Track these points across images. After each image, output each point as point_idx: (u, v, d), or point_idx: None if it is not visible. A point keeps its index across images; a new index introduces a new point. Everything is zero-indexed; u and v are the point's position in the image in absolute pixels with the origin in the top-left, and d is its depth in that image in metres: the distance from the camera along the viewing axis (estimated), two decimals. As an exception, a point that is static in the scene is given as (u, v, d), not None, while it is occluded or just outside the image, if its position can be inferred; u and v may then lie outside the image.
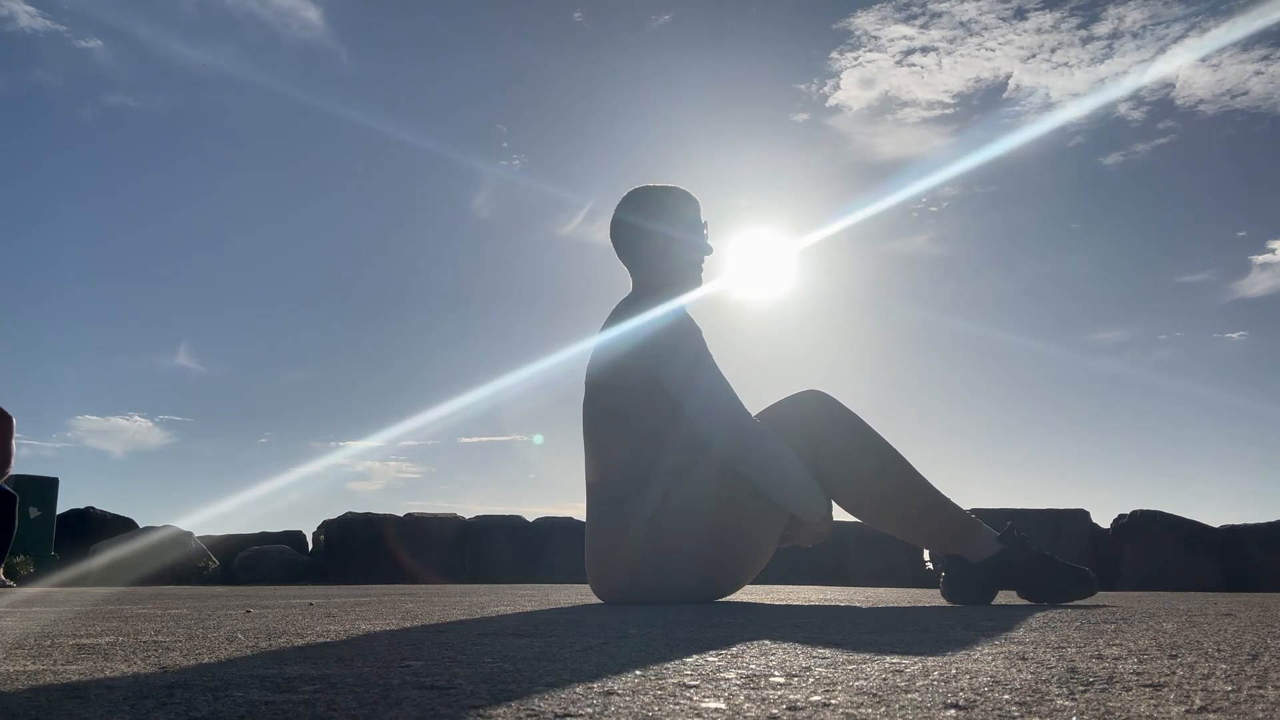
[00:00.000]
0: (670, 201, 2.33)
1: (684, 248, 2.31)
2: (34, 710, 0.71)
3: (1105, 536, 7.56)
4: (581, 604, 2.30)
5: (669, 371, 2.11)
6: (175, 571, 7.65)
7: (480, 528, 8.22)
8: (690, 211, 2.34)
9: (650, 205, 2.32)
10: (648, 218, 2.31)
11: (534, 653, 1.07)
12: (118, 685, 0.84)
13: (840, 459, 2.13)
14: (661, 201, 2.33)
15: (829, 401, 2.18)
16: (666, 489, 2.10)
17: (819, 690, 0.77)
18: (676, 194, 2.36)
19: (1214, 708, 0.68)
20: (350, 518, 8.17)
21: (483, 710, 0.69)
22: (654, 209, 2.32)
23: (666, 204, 2.33)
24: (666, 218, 2.31)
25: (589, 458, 2.24)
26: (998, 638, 1.23)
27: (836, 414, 2.16)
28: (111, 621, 1.77)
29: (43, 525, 7.53)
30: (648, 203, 2.33)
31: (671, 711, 0.68)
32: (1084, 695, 0.73)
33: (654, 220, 2.31)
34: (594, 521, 2.20)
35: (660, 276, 2.30)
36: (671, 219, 2.32)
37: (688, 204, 2.35)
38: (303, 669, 0.94)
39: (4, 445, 4.84)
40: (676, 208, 2.33)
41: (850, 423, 2.15)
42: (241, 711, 0.69)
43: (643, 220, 2.31)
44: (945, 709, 0.68)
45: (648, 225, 2.31)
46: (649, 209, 2.32)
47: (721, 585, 2.23)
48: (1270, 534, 7.18)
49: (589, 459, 2.24)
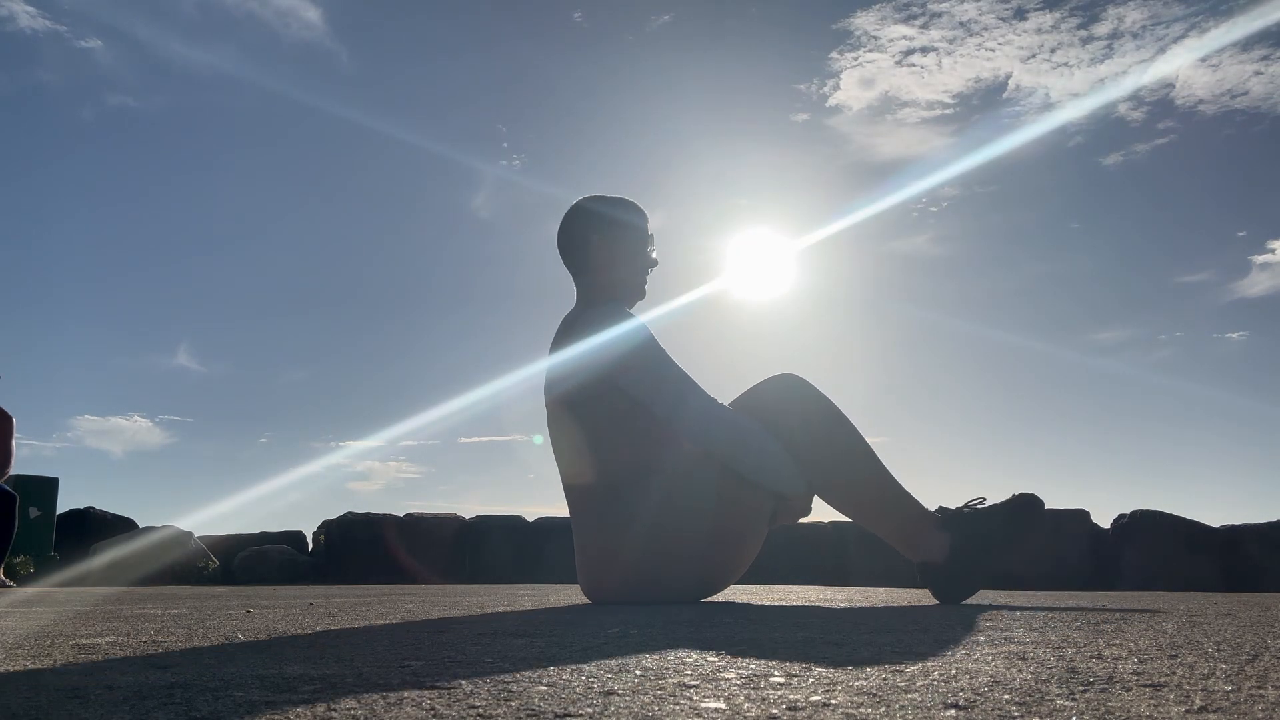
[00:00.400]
0: (619, 212, 2.34)
1: (631, 259, 2.31)
2: (34, 710, 0.71)
3: (1105, 536, 7.56)
4: (581, 604, 2.30)
5: (632, 379, 2.11)
6: (175, 571, 7.65)
7: (480, 528, 8.22)
8: (638, 223, 2.35)
9: (598, 216, 2.32)
10: (596, 228, 2.31)
11: (534, 653, 1.07)
12: (118, 685, 0.84)
13: (814, 443, 2.14)
14: (610, 212, 2.33)
15: (804, 385, 2.19)
16: (668, 489, 2.10)
17: (819, 690, 0.77)
18: (625, 205, 2.36)
19: (1214, 708, 0.68)
20: (350, 518, 8.16)
21: (483, 710, 0.69)
22: (602, 220, 2.32)
23: (615, 215, 2.33)
24: (615, 229, 2.31)
25: (574, 464, 2.22)
26: (998, 638, 1.23)
27: (812, 397, 2.17)
28: (111, 621, 1.77)
29: (43, 525, 7.53)
30: (596, 213, 2.33)
31: (671, 711, 0.68)
32: (1084, 695, 0.73)
33: (602, 231, 2.31)
34: (589, 522, 2.19)
35: (606, 287, 2.30)
36: (620, 230, 2.31)
37: (636, 215, 2.35)
38: (303, 669, 0.94)
39: (4, 445, 4.84)
40: (625, 219, 2.33)
41: (825, 407, 2.17)
42: (241, 711, 0.69)
43: (590, 230, 2.31)
44: (945, 709, 0.68)
45: (595, 236, 2.30)
46: (597, 220, 2.32)
47: (719, 583, 2.24)
48: (1270, 534, 7.18)
49: (574, 465, 2.22)
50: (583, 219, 2.33)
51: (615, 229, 2.31)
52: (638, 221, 2.35)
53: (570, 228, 2.34)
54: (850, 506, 2.18)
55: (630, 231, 2.32)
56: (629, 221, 2.33)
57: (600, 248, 2.30)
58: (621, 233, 2.31)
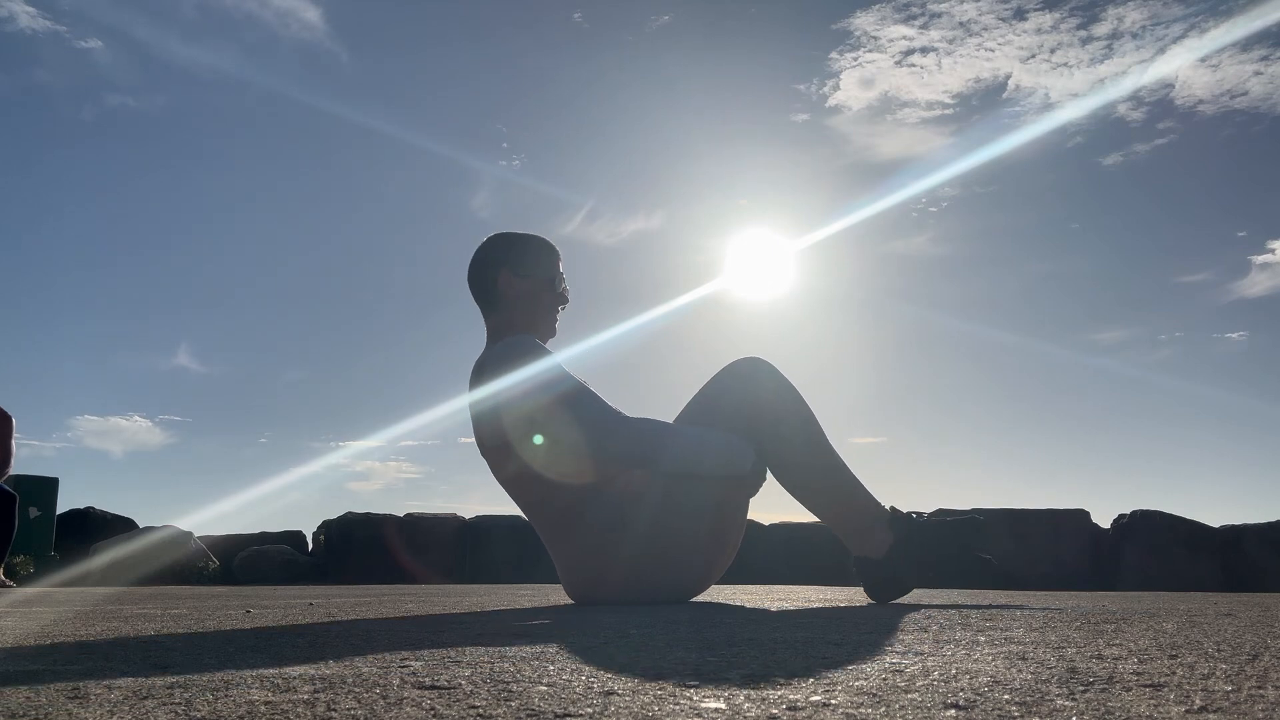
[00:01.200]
0: (530, 250, 2.34)
1: (538, 296, 2.31)
2: (34, 710, 0.71)
3: (1105, 536, 7.56)
4: (582, 605, 2.30)
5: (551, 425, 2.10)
6: (175, 571, 7.65)
7: (480, 528, 8.22)
8: (549, 261, 2.35)
9: (506, 253, 2.32)
10: (503, 265, 2.31)
11: (534, 653, 1.07)
12: (118, 685, 0.84)
13: (775, 428, 2.15)
14: (523, 250, 2.33)
15: (769, 369, 2.20)
16: (665, 490, 2.10)
17: (819, 690, 0.77)
18: (537, 242, 2.37)
19: (1214, 708, 0.68)
20: (350, 518, 8.16)
21: (483, 710, 0.69)
22: (514, 257, 2.32)
23: (526, 253, 2.33)
24: (522, 267, 2.31)
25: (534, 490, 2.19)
26: (998, 638, 1.23)
27: (776, 382, 2.19)
28: (111, 621, 1.77)
29: (43, 525, 7.53)
30: (509, 250, 2.33)
31: (671, 711, 0.68)
32: (1084, 695, 0.73)
33: (509, 268, 2.30)
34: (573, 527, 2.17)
35: (515, 325, 2.29)
36: (530, 268, 2.31)
37: (548, 253, 2.36)
38: (303, 669, 0.94)
39: (4, 445, 4.84)
40: (536, 256, 2.33)
41: (789, 393, 2.18)
42: (241, 711, 0.69)
43: (498, 267, 2.31)
44: (945, 709, 0.68)
45: (502, 273, 2.30)
46: (510, 257, 2.32)
47: (711, 579, 2.26)
48: (1270, 534, 7.18)
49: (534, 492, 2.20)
50: (490, 256, 2.33)
51: (522, 267, 2.31)
52: (546, 259, 2.35)
53: (478, 265, 2.34)
54: (801, 489, 2.19)
55: (538, 269, 2.32)
56: (536, 259, 2.33)
57: (508, 285, 2.30)
58: (530, 270, 2.31)
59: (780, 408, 2.16)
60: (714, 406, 2.20)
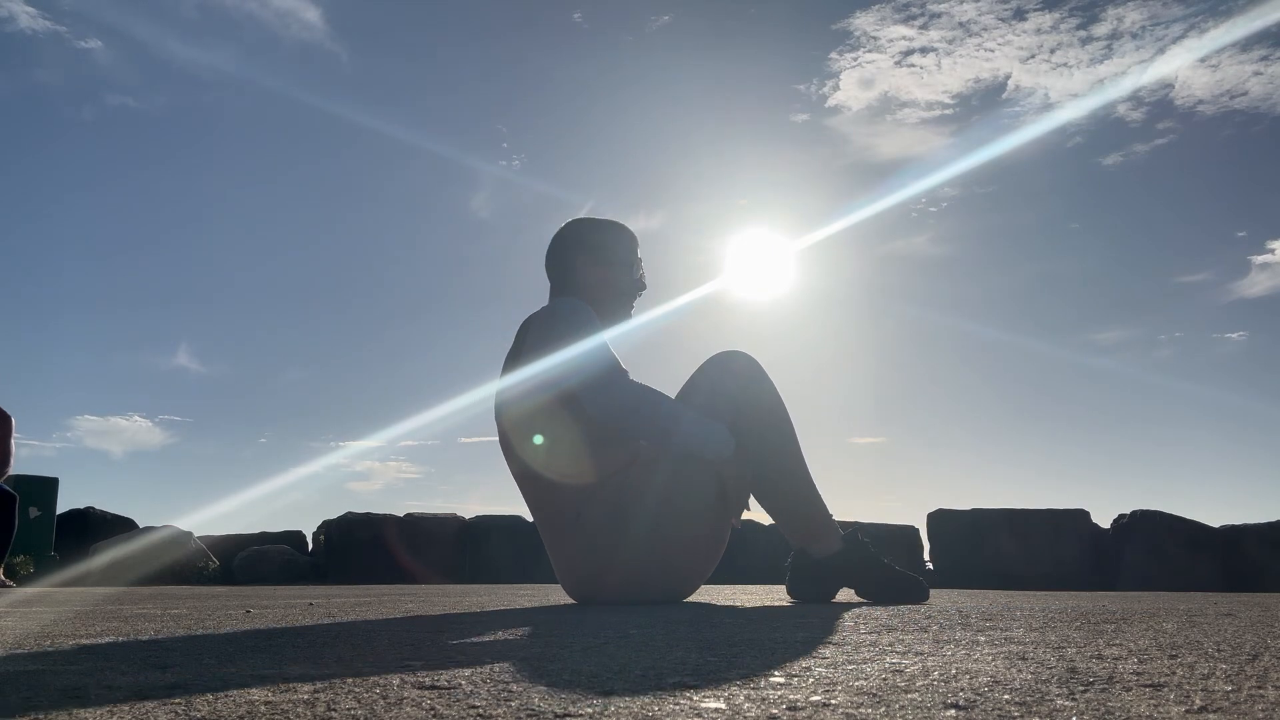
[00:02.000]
0: (610, 236, 2.35)
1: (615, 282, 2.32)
2: (34, 710, 0.71)
3: (1105, 536, 7.56)
4: (581, 604, 2.30)
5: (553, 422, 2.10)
6: (175, 571, 7.65)
7: (480, 528, 8.22)
8: (628, 247, 2.36)
9: (585, 238, 2.33)
10: (582, 250, 2.32)
11: (534, 653, 1.07)
12: (118, 685, 0.84)
13: (754, 423, 2.15)
14: (602, 236, 2.34)
15: (746, 361, 2.20)
16: (666, 488, 2.09)
17: (819, 690, 0.77)
18: (616, 229, 2.37)
19: (1214, 708, 0.68)
20: (350, 518, 8.16)
21: (483, 710, 0.69)
22: (589, 242, 2.33)
23: (606, 239, 2.34)
24: (601, 251, 2.32)
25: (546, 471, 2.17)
26: (998, 638, 1.23)
27: (750, 374, 2.19)
28: (111, 621, 1.77)
29: (43, 525, 7.53)
30: (583, 235, 2.34)
31: (671, 711, 0.68)
32: (1084, 695, 0.73)
33: (589, 253, 2.31)
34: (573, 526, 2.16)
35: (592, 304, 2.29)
36: (609, 254, 2.32)
37: (627, 239, 2.37)
38: (303, 669, 0.94)
39: (4, 445, 4.84)
40: (616, 243, 2.34)
41: (760, 385, 2.19)
42: (241, 711, 0.69)
43: (577, 252, 2.32)
44: (945, 709, 0.68)
45: (581, 258, 2.31)
46: (584, 242, 2.33)
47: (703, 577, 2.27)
48: (1270, 534, 7.18)
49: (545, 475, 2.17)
50: (570, 241, 2.34)
51: (602, 253, 2.32)
52: (625, 245, 2.35)
53: (557, 249, 2.35)
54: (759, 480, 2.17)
55: (616, 255, 2.33)
56: (616, 245, 2.34)
57: (585, 270, 2.31)
58: (608, 256, 2.32)
59: (747, 398, 2.15)
60: (688, 394, 2.19)
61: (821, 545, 2.20)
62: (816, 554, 2.20)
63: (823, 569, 2.20)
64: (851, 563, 2.19)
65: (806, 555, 2.22)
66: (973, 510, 7.72)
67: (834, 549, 2.19)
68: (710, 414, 2.10)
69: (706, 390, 2.16)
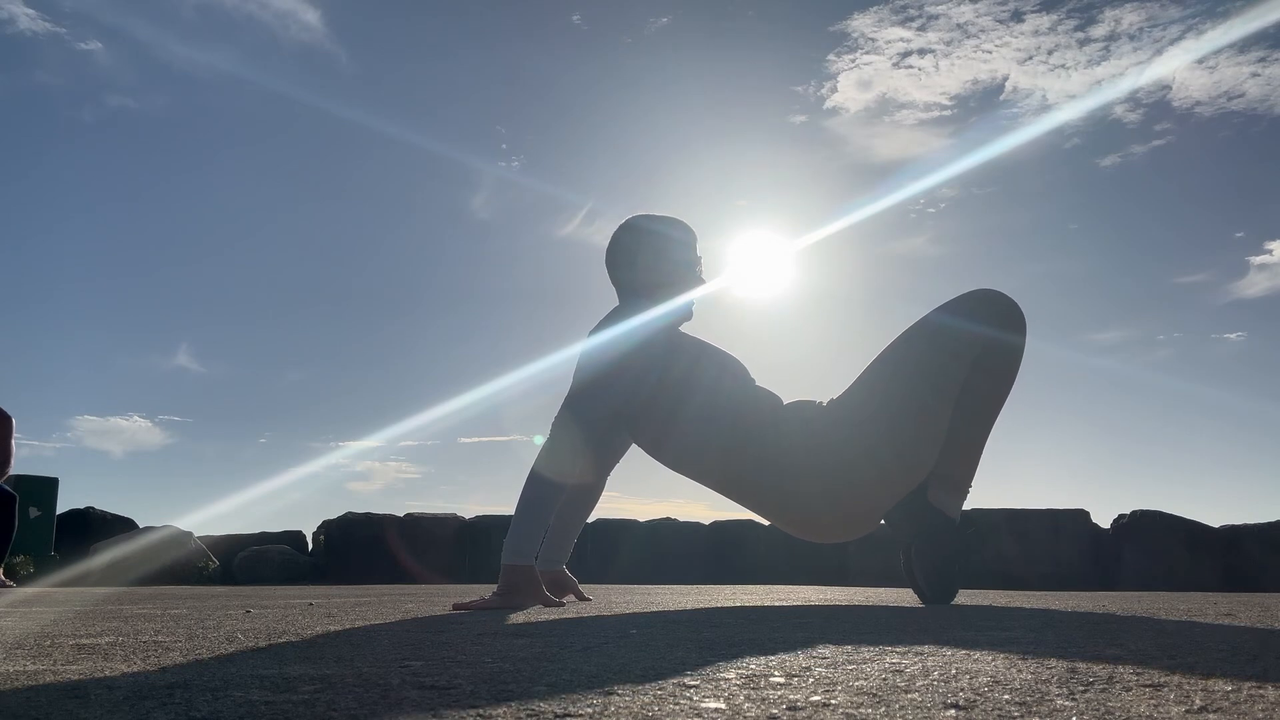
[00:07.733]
0: (672, 234, 2.35)
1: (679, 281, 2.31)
2: (34, 710, 0.71)
3: (1105, 536, 7.55)
4: (581, 604, 2.30)
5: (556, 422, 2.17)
6: (175, 571, 7.64)
7: (480, 528, 8.21)
8: (688, 244, 2.36)
9: (648, 234, 2.34)
10: (644, 246, 2.32)
11: (534, 653, 1.07)
12: (118, 685, 0.83)
13: (997, 363, 2.13)
14: (664, 234, 2.35)
15: (1007, 307, 2.13)
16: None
17: (819, 690, 0.77)
18: (677, 226, 2.37)
19: (1214, 708, 0.68)
20: (350, 518, 8.16)
21: (483, 710, 0.69)
22: (651, 238, 2.33)
23: (664, 234, 2.34)
24: (666, 250, 2.32)
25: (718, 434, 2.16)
26: (998, 638, 1.23)
27: (1021, 329, 2.13)
28: (111, 621, 1.76)
29: (43, 525, 7.52)
30: (646, 230, 2.34)
31: (671, 711, 0.68)
32: (1084, 695, 0.73)
33: (651, 249, 2.32)
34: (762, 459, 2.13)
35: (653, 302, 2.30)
36: (670, 251, 2.33)
37: (687, 237, 2.37)
38: (303, 669, 0.94)
39: (4, 445, 4.84)
40: (676, 240, 2.35)
41: (1021, 345, 2.13)
42: (241, 711, 0.69)
43: (638, 249, 2.32)
44: (945, 709, 0.68)
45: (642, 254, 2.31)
46: (646, 237, 2.33)
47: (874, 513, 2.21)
48: (1270, 534, 7.18)
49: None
50: (632, 236, 2.34)
51: (664, 250, 2.33)
52: (685, 243, 2.36)
53: (618, 247, 2.36)
54: (981, 419, 2.18)
55: (677, 252, 2.34)
56: (676, 243, 2.34)
57: (646, 269, 2.31)
58: (670, 254, 2.33)
59: (1003, 339, 2.11)
60: (944, 309, 2.14)
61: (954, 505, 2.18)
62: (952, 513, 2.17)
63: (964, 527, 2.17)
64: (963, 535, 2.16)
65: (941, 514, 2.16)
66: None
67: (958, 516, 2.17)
68: (951, 338, 2.09)
69: (965, 314, 2.11)
